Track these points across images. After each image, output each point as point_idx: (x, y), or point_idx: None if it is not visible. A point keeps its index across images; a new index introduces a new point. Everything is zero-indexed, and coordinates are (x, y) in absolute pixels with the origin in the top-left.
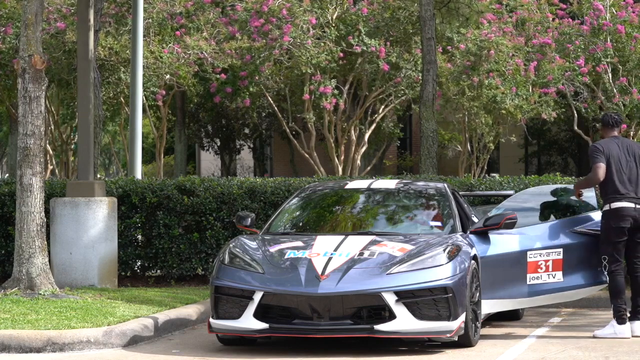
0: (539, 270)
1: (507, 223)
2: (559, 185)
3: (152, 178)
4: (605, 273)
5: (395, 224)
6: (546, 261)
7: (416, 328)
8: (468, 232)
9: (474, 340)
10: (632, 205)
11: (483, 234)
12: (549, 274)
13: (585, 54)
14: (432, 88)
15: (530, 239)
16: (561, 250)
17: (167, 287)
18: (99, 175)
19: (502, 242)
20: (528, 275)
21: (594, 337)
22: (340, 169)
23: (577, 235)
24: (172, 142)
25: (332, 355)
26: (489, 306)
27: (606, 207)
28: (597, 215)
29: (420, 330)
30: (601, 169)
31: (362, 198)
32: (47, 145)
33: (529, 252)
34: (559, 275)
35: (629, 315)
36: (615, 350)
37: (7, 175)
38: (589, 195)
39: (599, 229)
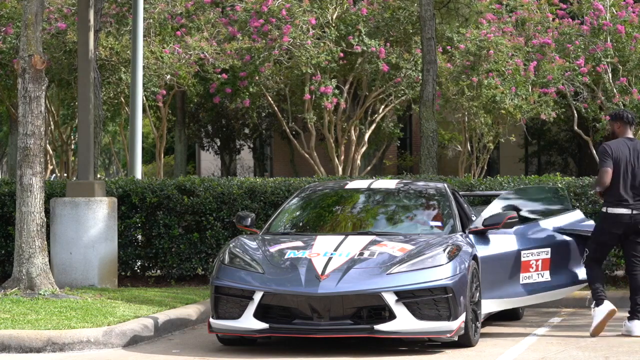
0: (530, 269)
1: (508, 222)
2: (543, 184)
3: (152, 178)
4: (582, 264)
5: (395, 224)
6: (537, 260)
7: (416, 328)
8: (467, 231)
9: (474, 340)
10: (629, 212)
11: (481, 234)
12: (538, 274)
13: (585, 54)
14: (432, 88)
15: (523, 239)
16: (549, 249)
17: (167, 287)
18: (99, 175)
19: (499, 242)
20: (521, 275)
21: (590, 335)
22: (340, 169)
23: (562, 235)
24: (172, 142)
25: (332, 355)
26: (487, 306)
27: (604, 209)
28: (578, 215)
29: (420, 330)
30: (607, 173)
31: (362, 198)
32: (47, 145)
33: (522, 252)
34: (546, 275)
35: (628, 314)
36: (615, 350)
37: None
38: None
39: (586, 229)
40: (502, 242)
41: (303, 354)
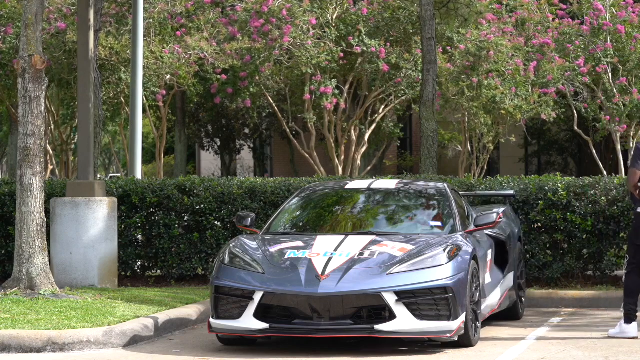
0: (487, 269)
1: (498, 222)
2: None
3: (152, 178)
4: (624, 271)
5: (396, 224)
6: (489, 261)
7: (416, 328)
8: (464, 232)
9: (474, 340)
10: None
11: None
12: (488, 274)
13: (585, 54)
14: (432, 88)
15: (484, 241)
16: (491, 250)
17: (167, 287)
18: (99, 175)
19: (483, 242)
20: (486, 275)
21: (608, 337)
22: (340, 169)
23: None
24: (172, 142)
25: (332, 355)
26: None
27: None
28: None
29: (420, 330)
30: (636, 175)
31: (362, 198)
32: (47, 145)
33: (488, 252)
34: (488, 275)
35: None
36: (616, 350)
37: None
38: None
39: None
40: (484, 243)
41: (303, 354)
